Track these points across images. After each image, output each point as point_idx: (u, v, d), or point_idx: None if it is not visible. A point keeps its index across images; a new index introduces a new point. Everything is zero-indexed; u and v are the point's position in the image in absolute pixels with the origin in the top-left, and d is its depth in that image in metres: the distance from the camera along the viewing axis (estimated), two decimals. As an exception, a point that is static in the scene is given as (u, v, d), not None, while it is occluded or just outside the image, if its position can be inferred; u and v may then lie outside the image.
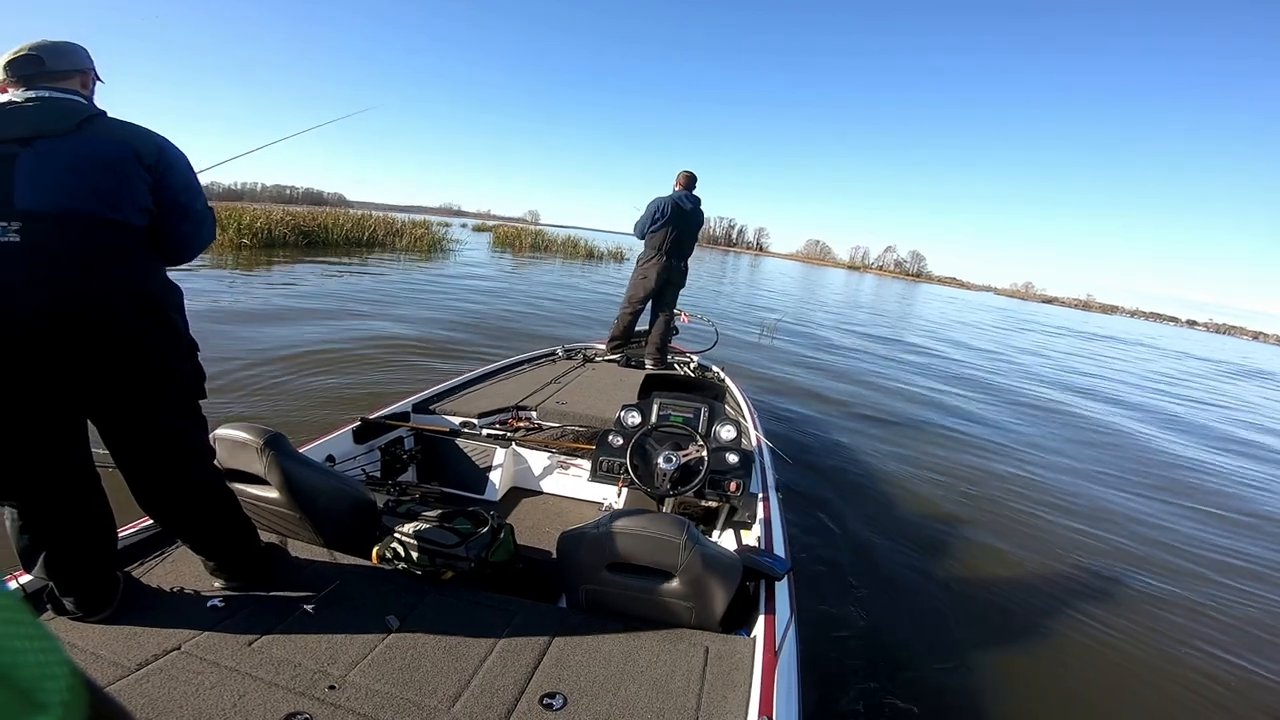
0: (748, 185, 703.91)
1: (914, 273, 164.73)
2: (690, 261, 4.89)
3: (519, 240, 31.02)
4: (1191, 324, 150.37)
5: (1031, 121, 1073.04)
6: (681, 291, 4.85)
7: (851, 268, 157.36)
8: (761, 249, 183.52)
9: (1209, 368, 21.75)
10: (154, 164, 1.37)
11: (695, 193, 4.63)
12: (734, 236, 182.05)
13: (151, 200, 1.38)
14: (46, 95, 1.33)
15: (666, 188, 4.69)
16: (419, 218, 26.84)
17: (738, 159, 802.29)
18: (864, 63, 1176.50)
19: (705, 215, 4.81)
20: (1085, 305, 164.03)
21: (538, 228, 38.60)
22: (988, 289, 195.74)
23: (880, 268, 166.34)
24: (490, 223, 49.82)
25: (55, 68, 1.37)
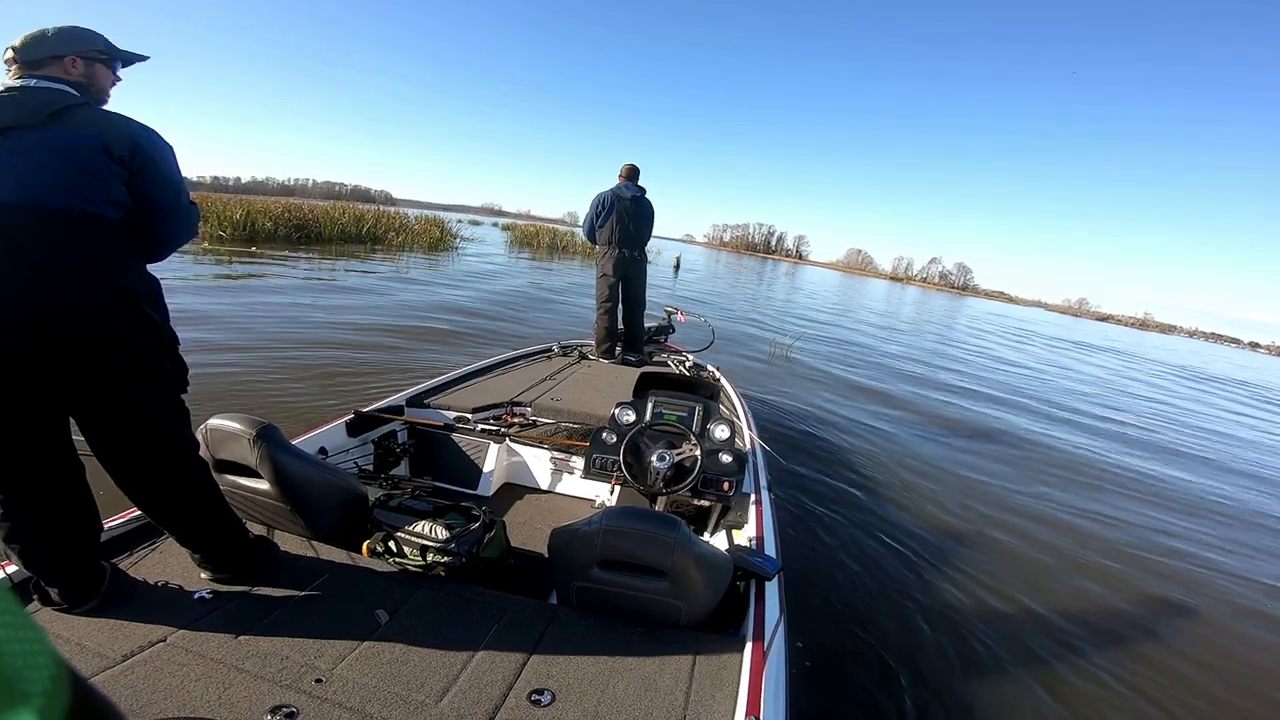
0: (791, 193, 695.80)
1: (959, 285, 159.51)
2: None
3: (537, 240, 30.61)
4: (1254, 346, 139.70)
5: (1091, 135, 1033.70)
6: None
7: (894, 279, 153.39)
8: (801, 257, 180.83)
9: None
10: (127, 156, 1.31)
11: (640, 183, 4.69)
12: (773, 243, 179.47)
13: (127, 194, 1.33)
14: (31, 85, 1.29)
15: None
16: (431, 214, 26.31)
17: (785, 167, 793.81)
18: (905, 68, 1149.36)
19: (653, 205, 4.80)
20: (1142, 324, 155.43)
21: (568, 229, 38.79)
22: (1038, 304, 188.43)
23: (924, 279, 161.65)
24: (521, 222, 50.22)
25: (28, 57, 1.31)
